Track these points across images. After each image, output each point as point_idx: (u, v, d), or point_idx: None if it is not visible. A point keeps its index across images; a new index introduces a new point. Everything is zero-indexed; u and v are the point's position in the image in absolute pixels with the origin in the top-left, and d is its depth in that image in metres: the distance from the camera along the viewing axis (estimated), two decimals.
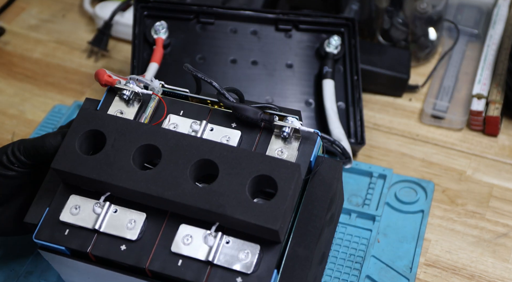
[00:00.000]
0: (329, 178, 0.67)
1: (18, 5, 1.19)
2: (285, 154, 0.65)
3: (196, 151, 0.63)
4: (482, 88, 0.96)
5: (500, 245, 0.83)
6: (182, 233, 0.62)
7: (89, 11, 1.15)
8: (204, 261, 0.61)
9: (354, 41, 0.95)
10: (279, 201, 0.60)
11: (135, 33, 0.92)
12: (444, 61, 1.04)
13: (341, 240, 0.83)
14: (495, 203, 0.87)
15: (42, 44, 1.12)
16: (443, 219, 0.86)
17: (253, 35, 0.96)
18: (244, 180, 0.61)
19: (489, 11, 1.09)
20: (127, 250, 0.63)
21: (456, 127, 0.96)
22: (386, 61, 1.00)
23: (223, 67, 0.93)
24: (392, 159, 0.93)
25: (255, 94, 0.92)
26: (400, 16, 1.02)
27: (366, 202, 0.86)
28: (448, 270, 0.81)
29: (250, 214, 0.59)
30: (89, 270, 0.65)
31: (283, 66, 0.95)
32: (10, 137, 0.97)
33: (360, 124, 0.91)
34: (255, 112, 0.66)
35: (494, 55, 1.01)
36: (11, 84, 1.06)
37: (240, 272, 0.60)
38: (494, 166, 0.91)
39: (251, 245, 0.61)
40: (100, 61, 1.09)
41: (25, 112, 1.01)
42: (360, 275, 0.79)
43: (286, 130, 0.66)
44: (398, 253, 0.82)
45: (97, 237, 0.63)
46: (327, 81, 0.92)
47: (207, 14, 0.95)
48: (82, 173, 0.63)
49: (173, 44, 0.93)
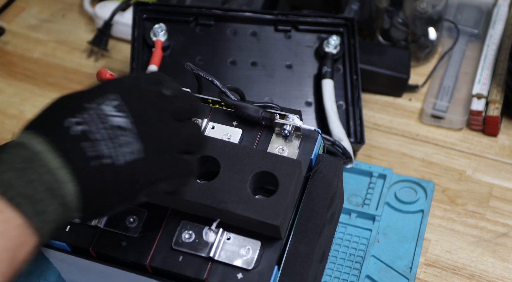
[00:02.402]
0: (330, 176, 0.67)
1: (18, 5, 1.19)
2: (286, 152, 0.66)
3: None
4: (482, 88, 0.96)
5: (500, 245, 0.83)
6: (183, 229, 0.62)
7: (89, 11, 1.15)
8: (205, 257, 0.61)
9: (353, 41, 0.95)
10: (280, 197, 0.60)
11: (134, 36, 0.92)
12: (444, 61, 1.04)
13: (341, 240, 0.83)
14: (495, 203, 0.87)
15: (42, 44, 1.12)
16: (443, 219, 0.86)
17: (252, 36, 0.96)
18: (245, 176, 0.61)
19: (489, 11, 1.09)
20: (128, 246, 0.62)
21: (456, 127, 0.96)
22: (386, 61, 1.00)
23: (223, 69, 0.93)
24: (392, 159, 0.93)
25: (255, 95, 0.92)
26: (400, 16, 1.02)
27: (366, 202, 0.86)
28: (448, 270, 0.81)
29: (251, 210, 0.59)
30: (90, 266, 0.65)
31: (282, 66, 0.95)
32: (10, 137, 0.97)
33: (360, 123, 0.91)
34: (256, 110, 0.67)
35: (494, 55, 1.01)
36: (11, 84, 1.06)
37: (241, 268, 0.60)
38: (494, 166, 0.91)
39: (252, 241, 0.61)
40: (100, 61, 1.09)
41: (25, 112, 1.01)
42: (360, 275, 0.79)
43: (287, 128, 0.66)
44: (398, 253, 0.82)
45: (99, 234, 0.63)
46: (326, 81, 0.92)
47: (206, 16, 0.95)
48: None
49: (172, 46, 0.93)
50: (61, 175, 0.50)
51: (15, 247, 0.48)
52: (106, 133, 0.52)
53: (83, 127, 0.51)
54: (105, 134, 0.51)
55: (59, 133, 0.51)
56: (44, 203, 0.49)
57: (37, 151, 0.50)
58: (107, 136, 0.51)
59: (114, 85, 0.55)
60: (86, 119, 0.52)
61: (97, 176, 0.51)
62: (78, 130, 0.51)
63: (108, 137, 0.52)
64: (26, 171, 0.49)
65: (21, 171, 0.49)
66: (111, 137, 0.52)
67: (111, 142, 0.51)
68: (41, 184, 0.49)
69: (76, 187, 0.50)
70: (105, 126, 0.52)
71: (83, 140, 0.51)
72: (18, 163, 0.50)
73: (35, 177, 0.49)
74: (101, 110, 0.52)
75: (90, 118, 0.52)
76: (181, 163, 0.56)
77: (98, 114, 0.52)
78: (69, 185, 0.50)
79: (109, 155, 0.51)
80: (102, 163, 0.51)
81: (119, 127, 0.52)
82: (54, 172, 0.50)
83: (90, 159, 0.51)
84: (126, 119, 0.53)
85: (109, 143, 0.51)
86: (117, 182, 0.52)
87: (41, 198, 0.49)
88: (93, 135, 0.51)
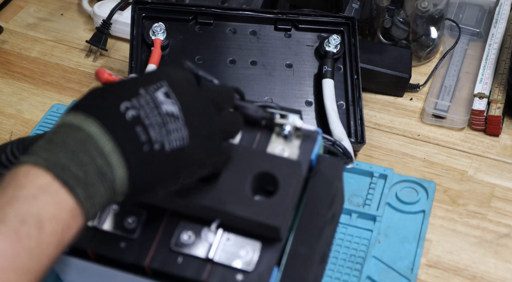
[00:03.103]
0: (330, 177, 0.66)
1: (16, 3, 1.19)
2: (286, 152, 0.65)
3: None
4: (483, 87, 0.96)
5: (502, 245, 0.82)
6: (182, 231, 0.62)
7: (88, 10, 1.15)
8: (204, 259, 0.60)
9: (353, 40, 0.94)
10: (280, 198, 0.59)
11: (133, 35, 0.92)
12: (446, 60, 1.03)
13: (342, 241, 0.82)
14: (497, 203, 0.87)
15: (40, 43, 1.12)
16: (444, 219, 0.85)
17: (252, 35, 0.95)
18: (245, 177, 0.60)
19: (491, 10, 1.08)
20: (127, 247, 0.62)
21: (458, 126, 0.96)
22: (387, 60, 0.99)
23: (222, 68, 0.93)
24: (393, 159, 0.92)
25: (255, 94, 0.92)
26: (401, 15, 1.01)
27: (367, 202, 0.86)
28: (449, 271, 0.80)
29: (251, 211, 0.59)
30: (88, 268, 0.64)
31: (282, 66, 0.94)
32: (8, 137, 0.96)
33: (360, 123, 0.91)
34: (256, 110, 0.66)
35: (496, 54, 1.00)
36: (8, 83, 1.05)
37: (241, 270, 0.60)
38: (496, 166, 0.91)
39: (252, 242, 0.61)
40: (98, 60, 1.08)
41: (23, 111, 1.01)
42: (361, 276, 0.78)
43: (287, 128, 0.65)
44: (399, 254, 0.81)
45: (97, 235, 0.63)
46: (327, 80, 0.91)
47: (205, 15, 0.95)
48: None
49: (171, 45, 0.93)
50: (113, 160, 0.51)
51: (65, 229, 0.49)
52: (159, 118, 0.53)
53: (136, 111, 0.52)
54: (158, 119, 0.53)
55: (114, 116, 0.52)
56: (95, 187, 0.50)
57: (90, 133, 0.51)
58: (160, 121, 0.53)
59: (165, 73, 0.56)
60: (141, 103, 0.53)
61: (147, 162, 0.52)
62: (132, 115, 0.52)
63: (160, 122, 0.53)
64: (79, 153, 0.50)
65: (74, 153, 0.50)
66: (163, 122, 0.53)
67: (163, 128, 0.53)
68: (94, 167, 0.50)
69: (126, 171, 0.51)
70: (158, 111, 0.53)
71: (137, 125, 0.52)
72: (70, 144, 0.50)
73: (88, 160, 0.50)
74: (154, 96, 0.54)
75: (145, 103, 0.53)
76: (220, 150, 0.58)
77: (152, 100, 0.53)
78: (119, 170, 0.51)
79: (160, 140, 0.52)
80: (153, 148, 0.52)
81: (168, 114, 0.53)
82: (107, 156, 0.51)
83: (142, 144, 0.52)
84: (176, 107, 0.54)
85: (161, 129, 0.53)
86: (164, 167, 0.53)
87: (93, 182, 0.50)
88: (147, 120, 0.52)
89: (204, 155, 0.56)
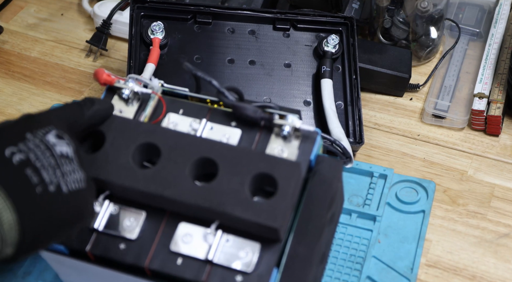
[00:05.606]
0: (330, 177, 0.66)
1: (16, 3, 1.19)
2: (285, 153, 0.65)
3: (195, 149, 0.62)
4: (483, 87, 0.96)
5: (502, 245, 0.82)
6: (182, 232, 0.62)
7: (88, 10, 1.14)
8: (203, 260, 0.60)
9: (352, 40, 0.94)
10: (279, 199, 0.59)
11: (132, 34, 0.91)
12: (445, 60, 1.03)
13: (342, 241, 0.82)
14: (497, 203, 0.87)
15: (40, 43, 1.12)
16: (444, 219, 0.85)
17: (250, 35, 0.95)
18: (244, 178, 0.60)
19: (490, 10, 1.08)
20: (126, 249, 0.62)
21: (458, 126, 0.95)
22: (387, 60, 0.99)
23: (221, 67, 0.93)
24: (393, 159, 0.92)
25: (253, 94, 0.92)
26: (401, 15, 1.01)
27: (366, 202, 0.86)
28: (449, 271, 0.80)
29: (250, 212, 0.59)
30: (88, 269, 0.64)
31: (281, 65, 0.94)
32: None
33: (359, 123, 0.91)
34: (255, 110, 0.66)
35: (495, 54, 1.00)
36: (9, 83, 1.05)
37: (240, 271, 0.60)
38: (495, 166, 0.91)
39: (251, 243, 0.61)
40: (99, 60, 1.08)
41: (23, 111, 1.01)
42: (360, 276, 0.78)
43: (286, 129, 0.65)
44: (399, 254, 0.81)
45: (97, 236, 0.63)
46: (325, 80, 0.91)
47: (204, 14, 0.95)
48: None
49: (170, 44, 0.93)
50: None
51: None
52: (52, 160, 0.51)
53: (25, 155, 0.50)
54: (51, 161, 0.51)
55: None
56: None
57: None
58: (53, 163, 0.51)
59: (56, 115, 0.56)
60: (30, 147, 0.51)
61: (42, 204, 0.50)
62: (20, 158, 0.50)
63: (54, 164, 0.51)
64: None
65: None
66: (57, 164, 0.51)
67: (57, 169, 0.51)
68: None
69: (15, 215, 0.49)
70: (51, 153, 0.52)
71: (26, 167, 0.50)
72: None
73: None
74: (45, 140, 0.52)
75: (34, 146, 0.51)
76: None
77: (42, 143, 0.52)
78: (6, 213, 0.48)
79: (55, 182, 0.51)
80: (47, 190, 0.50)
81: (63, 156, 0.52)
82: None
83: (34, 186, 0.50)
84: (70, 148, 0.53)
85: (55, 171, 0.51)
86: (60, 211, 0.51)
87: None
88: (38, 163, 0.50)
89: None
